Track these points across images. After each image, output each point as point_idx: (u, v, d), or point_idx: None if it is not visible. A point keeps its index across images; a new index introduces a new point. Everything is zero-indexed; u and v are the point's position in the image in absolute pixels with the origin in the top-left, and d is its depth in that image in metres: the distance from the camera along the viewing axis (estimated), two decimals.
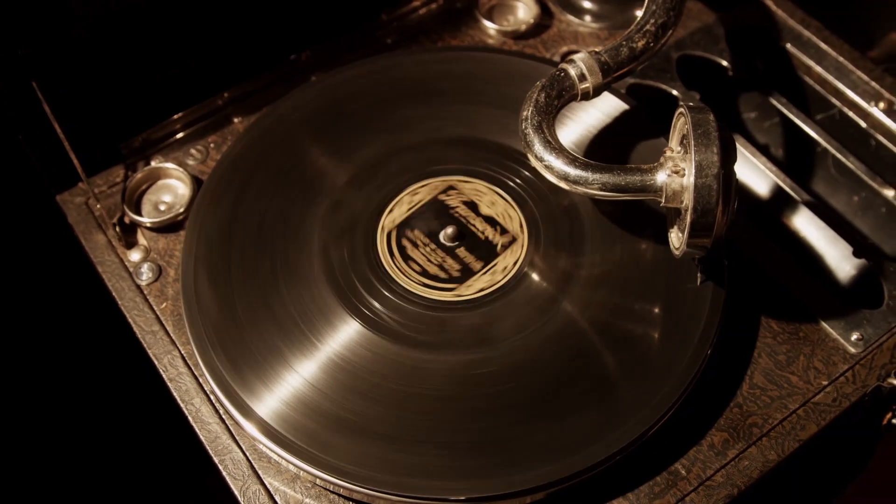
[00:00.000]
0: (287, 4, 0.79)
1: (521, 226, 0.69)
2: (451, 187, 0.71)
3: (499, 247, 0.69)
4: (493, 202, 0.70)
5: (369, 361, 0.63)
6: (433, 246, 0.69)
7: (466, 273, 0.67)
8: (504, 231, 0.69)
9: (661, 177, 0.59)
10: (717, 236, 0.58)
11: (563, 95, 0.64)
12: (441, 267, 0.68)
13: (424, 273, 0.67)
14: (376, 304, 0.66)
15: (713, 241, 0.58)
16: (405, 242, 0.69)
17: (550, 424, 0.61)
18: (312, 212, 0.70)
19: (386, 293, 0.67)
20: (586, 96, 0.65)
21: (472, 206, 0.70)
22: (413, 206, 0.70)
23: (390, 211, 0.70)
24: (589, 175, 0.60)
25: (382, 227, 0.69)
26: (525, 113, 0.63)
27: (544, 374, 0.63)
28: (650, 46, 0.66)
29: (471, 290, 0.67)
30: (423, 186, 0.71)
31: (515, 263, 0.68)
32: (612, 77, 0.65)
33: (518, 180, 0.71)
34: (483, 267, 0.68)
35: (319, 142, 0.73)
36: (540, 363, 0.63)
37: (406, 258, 0.68)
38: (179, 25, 0.75)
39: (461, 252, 0.68)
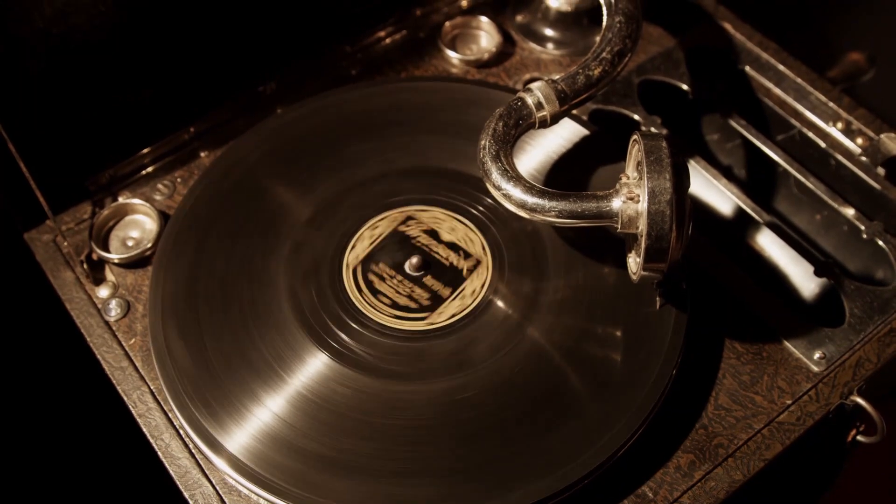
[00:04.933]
0: (250, 36, 0.80)
1: (484, 248, 0.70)
2: (409, 217, 0.72)
3: (464, 271, 0.69)
4: (453, 228, 0.71)
5: (347, 398, 0.63)
6: (400, 277, 0.69)
7: (436, 300, 0.68)
8: (467, 255, 0.70)
9: (616, 203, 0.60)
10: (673, 261, 0.58)
11: (520, 124, 0.65)
12: (410, 297, 0.68)
13: (395, 305, 0.68)
14: (349, 341, 0.66)
15: (668, 265, 0.59)
16: (371, 277, 0.69)
17: (516, 450, 0.61)
18: (276, 255, 0.70)
19: (359, 329, 0.67)
20: (544, 124, 0.66)
21: (433, 233, 0.71)
22: (375, 241, 0.71)
23: (353, 247, 0.70)
24: (546, 203, 0.61)
25: (347, 265, 0.69)
26: (483, 142, 0.64)
27: (512, 399, 0.63)
28: (607, 73, 0.67)
29: (443, 316, 0.67)
30: (381, 220, 0.72)
31: (483, 286, 0.68)
32: (570, 105, 0.66)
33: (479, 206, 0.72)
34: (452, 293, 0.68)
35: (277, 183, 0.74)
36: (510, 387, 0.64)
37: (374, 292, 0.68)
38: (142, 57, 0.75)
39: (428, 280, 0.69)
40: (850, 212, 0.76)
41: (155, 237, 0.73)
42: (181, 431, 0.65)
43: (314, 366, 0.65)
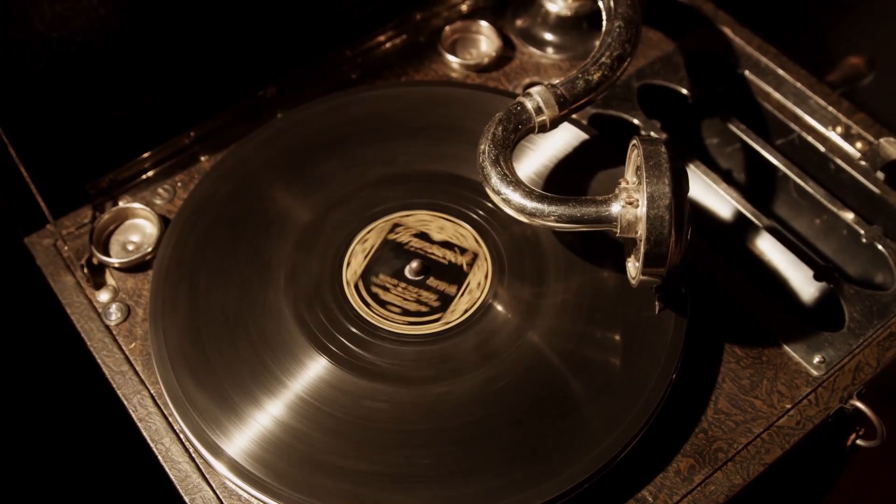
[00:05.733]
0: (251, 41, 0.80)
1: (477, 240, 0.70)
2: (396, 224, 0.72)
3: (464, 266, 0.69)
4: (442, 227, 0.71)
5: (383, 412, 0.63)
6: (403, 284, 0.69)
7: (445, 300, 0.68)
8: (463, 250, 0.70)
9: (615, 208, 0.60)
10: (672, 265, 0.58)
11: (519, 129, 0.65)
12: (419, 301, 0.68)
13: (406, 312, 0.68)
14: (371, 356, 0.66)
15: (667, 270, 0.59)
16: (375, 289, 0.69)
17: (514, 454, 0.61)
18: (273, 286, 0.69)
19: (378, 343, 0.66)
20: (543, 129, 0.66)
21: (424, 236, 0.71)
22: (368, 254, 0.70)
23: (348, 264, 0.70)
24: (545, 207, 0.61)
25: (347, 282, 0.69)
26: (482, 147, 0.64)
27: (511, 403, 0.63)
28: (606, 78, 0.67)
29: (456, 314, 0.67)
30: (369, 232, 0.71)
31: (487, 277, 0.68)
32: (570, 109, 0.66)
33: (476, 207, 0.72)
34: (458, 289, 0.68)
35: (276, 188, 0.74)
36: (509, 391, 0.64)
37: (382, 304, 0.68)
38: (142, 61, 0.75)
39: (432, 282, 0.69)
40: (849, 216, 0.76)
41: (155, 241, 0.73)
42: (181, 436, 0.65)
43: (340, 388, 0.64)
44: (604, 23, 0.71)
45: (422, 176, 0.74)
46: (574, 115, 0.70)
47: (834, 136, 0.80)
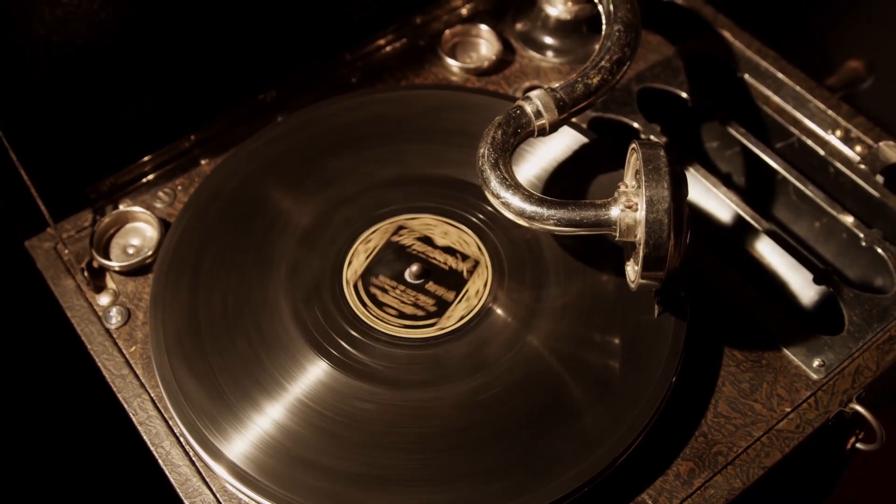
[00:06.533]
0: (251, 44, 0.80)
1: (480, 248, 0.70)
2: (401, 227, 0.72)
3: (464, 273, 0.69)
4: (446, 232, 0.71)
5: (370, 412, 0.63)
6: (402, 287, 0.69)
7: (442, 305, 0.68)
8: (465, 257, 0.70)
9: (614, 212, 0.60)
10: (671, 269, 0.58)
11: (519, 132, 0.65)
12: (416, 305, 0.68)
13: (402, 315, 0.68)
14: (362, 356, 0.66)
15: (667, 273, 0.59)
16: (374, 290, 0.69)
17: (514, 458, 0.61)
18: (274, 281, 0.69)
19: (370, 343, 0.66)
20: (543, 132, 0.66)
21: (427, 240, 0.71)
22: (370, 254, 0.70)
23: (349, 263, 0.70)
24: (544, 211, 0.61)
25: (347, 281, 0.69)
26: (482, 150, 0.64)
27: (510, 406, 0.63)
28: (606, 82, 0.68)
29: (452, 320, 0.67)
30: (373, 233, 0.72)
31: (486, 285, 0.69)
32: (569, 113, 0.66)
33: (475, 210, 0.72)
34: (456, 296, 0.68)
35: (275, 191, 0.74)
36: (508, 394, 0.64)
37: (379, 305, 0.68)
38: (143, 65, 0.75)
39: (430, 286, 0.69)
40: (848, 219, 0.76)
41: (156, 245, 0.73)
42: (181, 439, 0.65)
43: (329, 384, 0.64)
44: (603, 26, 0.71)
45: (425, 179, 0.74)
46: (574, 119, 0.70)
47: (833, 139, 0.80)
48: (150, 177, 0.78)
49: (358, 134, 0.77)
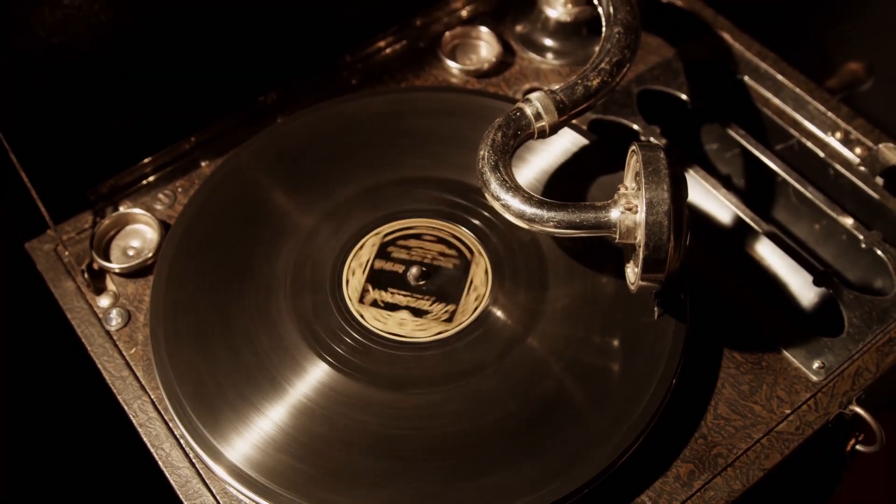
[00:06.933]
0: (251, 46, 0.80)
1: (472, 240, 0.71)
2: (391, 232, 0.72)
3: (464, 266, 0.70)
4: (435, 230, 0.71)
5: (378, 418, 0.63)
6: (407, 292, 0.69)
7: (454, 300, 0.68)
8: (460, 251, 0.70)
9: (614, 214, 0.60)
10: (671, 271, 0.58)
11: (519, 135, 0.65)
12: (426, 307, 0.68)
13: (416, 318, 0.68)
14: (389, 368, 0.65)
15: (666, 275, 0.59)
16: (380, 301, 0.69)
17: (514, 459, 0.61)
18: (275, 296, 0.69)
19: (400, 353, 0.66)
20: (543, 135, 0.66)
21: (419, 241, 0.71)
22: (366, 268, 0.70)
23: (347, 282, 0.70)
24: (544, 213, 0.61)
25: (350, 299, 0.69)
26: (482, 153, 0.64)
27: (510, 409, 0.64)
28: (606, 84, 0.68)
29: (469, 310, 0.67)
30: (360, 248, 0.71)
31: (487, 273, 0.69)
32: (569, 115, 0.67)
33: (475, 212, 0.72)
34: (463, 289, 0.68)
35: (275, 194, 0.74)
36: (508, 396, 0.64)
37: (390, 311, 0.68)
38: (143, 67, 0.75)
39: (435, 285, 0.69)
40: (848, 221, 0.76)
41: (156, 247, 0.73)
42: (181, 441, 0.65)
43: (377, 411, 0.64)
44: (603, 29, 0.71)
45: (420, 182, 0.74)
46: (574, 121, 0.71)
47: (833, 141, 0.80)
48: (151, 179, 0.78)
49: (357, 136, 0.77)
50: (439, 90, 0.82)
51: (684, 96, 0.82)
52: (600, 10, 0.73)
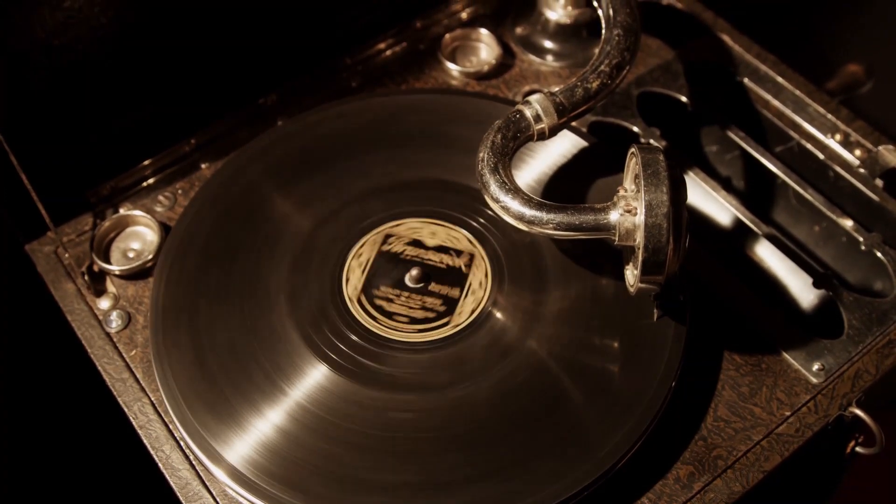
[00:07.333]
0: (251, 48, 0.80)
1: (470, 241, 0.71)
2: (388, 235, 0.72)
3: (463, 268, 0.70)
4: (434, 232, 0.71)
5: (406, 422, 0.63)
6: (406, 293, 0.69)
7: (450, 303, 0.68)
8: (459, 253, 0.70)
9: (614, 216, 0.60)
10: (670, 273, 0.59)
11: (518, 137, 0.65)
12: (424, 308, 0.68)
13: (414, 320, 0.68)
14: (389, 369, 0.66)
15: (666, 278, 0.59)
16: (379, 302, 0.69)
17: (514, 461, 0.61)
18: (276, 306, 0.69)
19: (391, 354, 0.66)
20: (542, 137, 0.66)
21: (417, 243, 0.71)
22: (365, 268, 0.70)
23: (347, 281, 0.70)
24: (544, 215, 0.61)
25: (349, 299, 0.69)
26: (481, 155, 0.64)
27: (509, 411, 0.64)
28: (606, 86, 0.68)
29: (464, 315, 0.67)
30: (362, 247, 0.71)
31: (486, 276, 0.69)
32: (569, 117, 0.67)
33: (474, 213, 0.72)
34: (461, 291, 0.68)
35: (274, 196, 0.74)
36: (507, 398, 0.64)
37: (388, 315, 0.68)
38: (143, 69, 0.76)
39: (434, 287, 0.69)
40: (848, 223, 0.76)
41: (156, 249, 0.73)
42: (182, 443, 0.65)
43: (364, 404, 0.64)
44: (603, 31, 0.72)
45: (420, 184, 0.74)
46: (573, 123, 0.71)
47: (833, 143, 0.80)
48: (151, 181, 0.78)
49: (357, 138, 0.77)
50: (439, 92, 0.82)
51: (684, 98, 0.82)
52: (600, 12, 0.73)
